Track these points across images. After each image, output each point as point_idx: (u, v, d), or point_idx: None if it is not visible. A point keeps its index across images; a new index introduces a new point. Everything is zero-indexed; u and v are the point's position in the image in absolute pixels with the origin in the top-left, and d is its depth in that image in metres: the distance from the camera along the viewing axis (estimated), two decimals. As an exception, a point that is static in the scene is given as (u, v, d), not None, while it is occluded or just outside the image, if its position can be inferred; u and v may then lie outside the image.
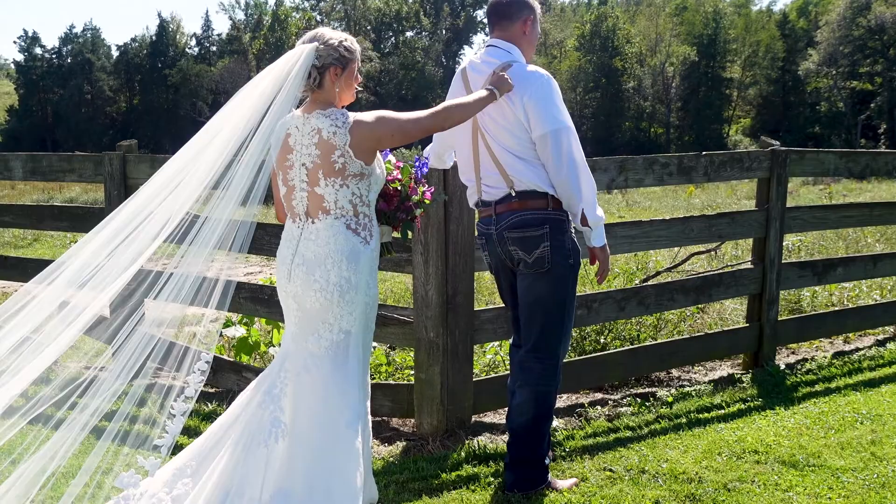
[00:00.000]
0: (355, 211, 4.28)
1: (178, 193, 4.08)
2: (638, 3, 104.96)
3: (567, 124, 4.92)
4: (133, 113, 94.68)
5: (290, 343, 4.38)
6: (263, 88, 4.19)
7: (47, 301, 4.03)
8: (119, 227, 4.08)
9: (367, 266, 4.31)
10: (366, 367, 4.42)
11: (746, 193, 28.70)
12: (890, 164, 8.87)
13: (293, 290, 4.32)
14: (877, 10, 78.21)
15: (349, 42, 4.39)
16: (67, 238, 19.10)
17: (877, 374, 7.70)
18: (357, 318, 4.30)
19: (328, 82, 4.30)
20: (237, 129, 4.14)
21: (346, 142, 4.18)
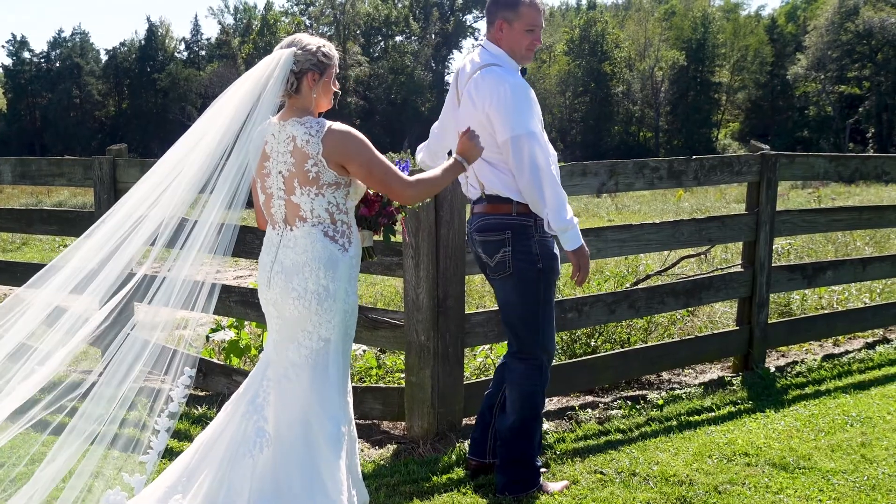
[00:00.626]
0: (332, 219, 4.25)
1: (166, 198, 4.09)
2: (627, 7, 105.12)
3: (529, 130, 4.88)
4: (122, 117, 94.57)
5: (272, 351, 4.35)
6: (243, 95, 4.17)
7: (40, 307, 4.03)
8: (109, 231, 4.08)
9: (345, 274, 4.28)
10: (346, 373, 4.39)
11: (736, 197, 28.73)
12: (879, 167, 8.91)
13: (272, 297, 4.29)
14: (865, 14, 78.50)
15: (327, 48, 4.33)
16: (56, 241, 19.09)
17: (866, 377, 7.73)
18: (336, 326, 4.26)
19: (306, 88, 4.24)
20: (218, 135, 4.12)
21: (318, 151, 4.14)
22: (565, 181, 6.36)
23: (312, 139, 4.13)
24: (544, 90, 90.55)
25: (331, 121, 4.23)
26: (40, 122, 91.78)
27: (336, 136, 4.16)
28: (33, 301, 4.07)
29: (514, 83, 4.95)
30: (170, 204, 4.09)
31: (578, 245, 4.97)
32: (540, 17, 5.09)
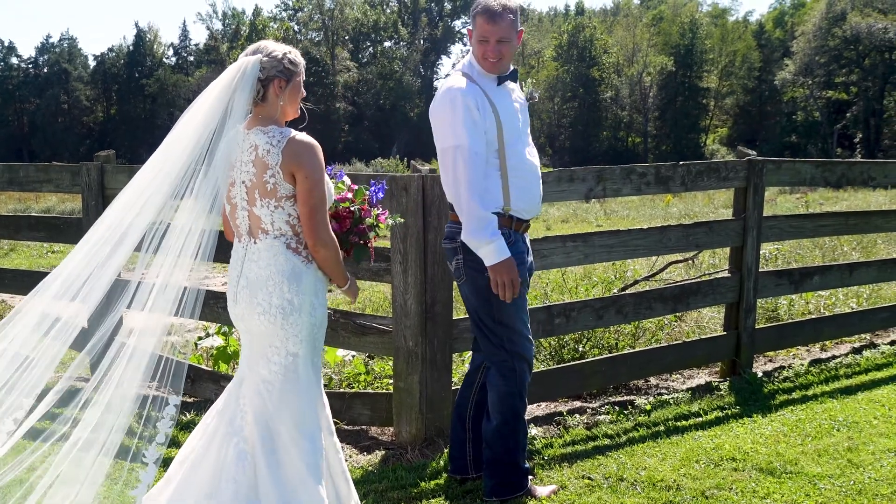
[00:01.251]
0: (294, 231, 4.19)
1: (148, 207, 4.07)
2: (615, 13, 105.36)
3: (454, 143, 4.90)
4: (110, 123, 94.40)
5: (245, 367, 4.32)
6: (210, 106, 4.12)
7: (33, 315, 4.04)
8: (97, 239, 4.08)
9: (310, 286, 4.23)
10: (318, 386, 4.35)
11: (724, 202, 28.79)
12: (865, 173, 8.94)
13: (239, 312, 4.26)
14: (852, 20, 78.74)
15: (293, 55, 4.28)
16: (44, 248, 19.04)
17: (853, 382, 7.75)
18: (304, 340, 4.22)
19: (272, 95, 4.20)
20: (188, 147, 4.08)
21: (277, 161, 4.08)
22: (553, 187, 6.42)
23: (273, 149, 4.08)
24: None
25: (297, 131, 4.19)
26: (28, 128, 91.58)
27: (295, 146, 4.10)
28: (26, 310, 4.07)
29: (452, 94, 4.95)
30: (150, 212, 4.07)
31: (495, 262, 4.95)
32: (491, 28, 4.99)
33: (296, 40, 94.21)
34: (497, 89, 5.13)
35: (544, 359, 7.90)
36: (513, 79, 5.25)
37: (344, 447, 6.21)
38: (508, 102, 5.15)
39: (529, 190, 5.14)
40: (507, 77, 5.18)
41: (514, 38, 5.06)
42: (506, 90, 5.18)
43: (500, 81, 5.15)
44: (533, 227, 5.53)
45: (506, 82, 5.19)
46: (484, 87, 5.07)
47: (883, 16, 78.62)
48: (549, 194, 6.49)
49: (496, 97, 5.10)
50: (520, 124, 5.18)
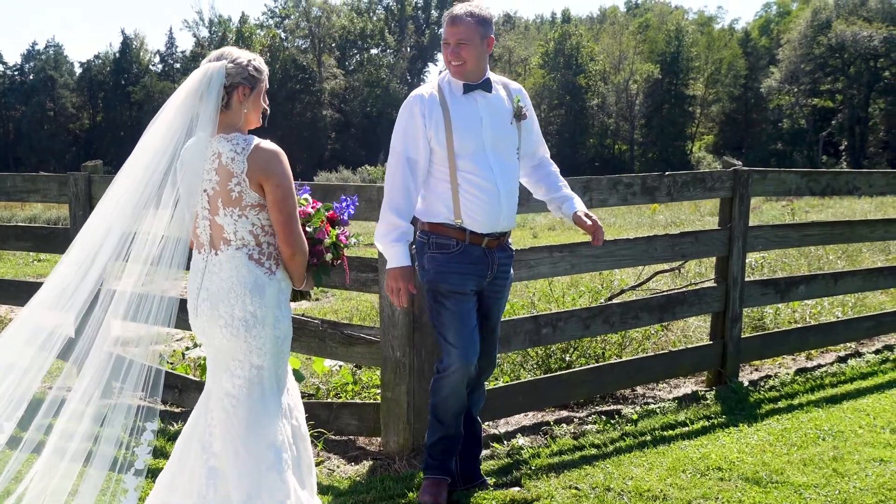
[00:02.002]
0: (257, 241, 4.13)
1: (121, 218, 4.08)
2: (601, 21, 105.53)
3: (392, 147, 5.17)
4: (96, 130, 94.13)
5: (210, 381, 4.27)
6: (174, 114, 4.07)
7: (25, 326, 4.06)
8: (79, 250, 4.08)
9: (273, 298, 4.16)
10: (280, 396, 4.29)
11: (710, 210, 28.85)
12: (850, 183, 9.00)
13: (200, 325, 4.19)
14: (837, 28, 79.07)
15: (258, 62, 4.22)
16: (30, 256, 19.01)
17: (839, 391, 7.79)
18: (267, 353, 4.16)
19: (236, 103, 4.13)
20: (156, 156, 4.06)
21: (243, 169, 4.02)
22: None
23: (238, 157, 4.03)
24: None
25: (261, 138, 4.15)
26: (13, 135, 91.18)
27: (261, 154, 4.06)
28: (20, 322, 4.09)
29: (408, 100, 5.21)
30: (124, 222, 4.08)
31: (390, 268, 5.11)
32: (451, 30, 5.09)
33: (282, 48, 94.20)
34: (461, 98, 5.15)
35: (531, 368, 7.93)
36: (485, 88, 5.19)
37: (331, 457, 6.23)
38: (471, 112, 5.15)
39: (481, 205, 5.11)
40: (477, 86, 5.17)
41: (476, 41, 5.08)
42: (473, 99, 5.17)
43: (468, 90, 5.15)
44: (520, 235, 5.59)
45: (476, 91, 5.17)
46: (448, 95, 5.14)
47: (868, 24, 78.96)
48: (538, 204, 6.50)
49: (455, 106, 5.13)
50: (486, 136, 5.15)
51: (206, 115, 4.05)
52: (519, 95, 5.35)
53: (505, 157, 5.22)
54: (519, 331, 6.65)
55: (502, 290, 5.43)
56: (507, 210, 5.22)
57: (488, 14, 5.16)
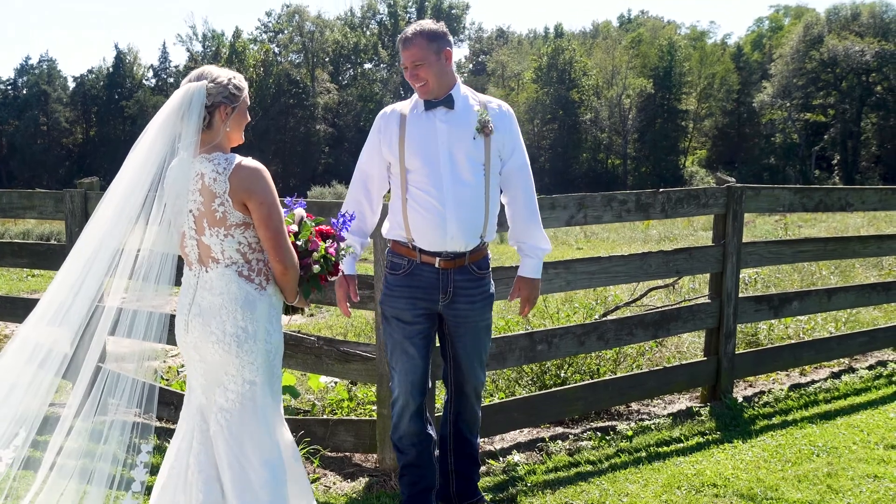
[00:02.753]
0: (246, 258, 4.14)
1: (111, 234, 4.09)
2: (594, 35, 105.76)
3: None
4: (90, 144, 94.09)
5: (202, 395, 4.25)
6: (156, 134, 4.08)
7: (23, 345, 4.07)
8: (71, 266, 4.10)
9: (264, 313, 4.18)
10: (278, 413, 4.32)
11: (703, 225, 28.92)
12: (842, 199, 9.02)
13: (192, 340, 4.19)
14: (829, 43, 79.44)
15: (238, 80, 4.23)
16: (24, 272, 19.00)
17: (832, 407, 7.81)
18: (260, 368, 4.17)
19: (217, 122, 4.13)
20: (140, 176, 4.07)
21: (225, 189, 4.02)
22: (535, 215, 6.47)
23: (220, 177, 4.02)
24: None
25: (243, 156, 4.13)
26: (7, 150, 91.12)
27: (243, 173, 4.04)
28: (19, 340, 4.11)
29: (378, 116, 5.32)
30: (113, 239, 4.08)
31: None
32: (405, 54, 5.10)
33: (276, 62, 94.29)
34: (422, 115, 5.14)
35: (526, 384, 7.94)
36: (447, 104, 5.11)
37: (328, 474, 6.24)
38: (428, 128, 5.10)
39: (426, 223, 5.05)
40: (439, 102, 5.11)
41: (433, 59, 5.04)
42: (434, 116, 5.13)
43: (429, 107, 5.12)
44: (512, 250, 5.56)
45: (439, 108, 5.12)
46: (411, 111, 5.18)
47: (859, 38, 79.35)
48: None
49: (414, 122, 5.13)
50: (442, 152, 5.07)
51: (188, 135, 4.05)
52: (485, 111, 5.16)
53: (462, 174, 5.07)
54: (514, 347, 6.67)
55: (467, 317, 5.23)
56: (457, 229, 5.05)
57: (439, 28, 5.13)
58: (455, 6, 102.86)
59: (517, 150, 5.29)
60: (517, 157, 5.29)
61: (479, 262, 5.22)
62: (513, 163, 5.27)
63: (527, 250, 5.38)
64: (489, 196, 5.15)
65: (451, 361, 5.37)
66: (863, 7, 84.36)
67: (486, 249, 5.31)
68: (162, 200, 4.10)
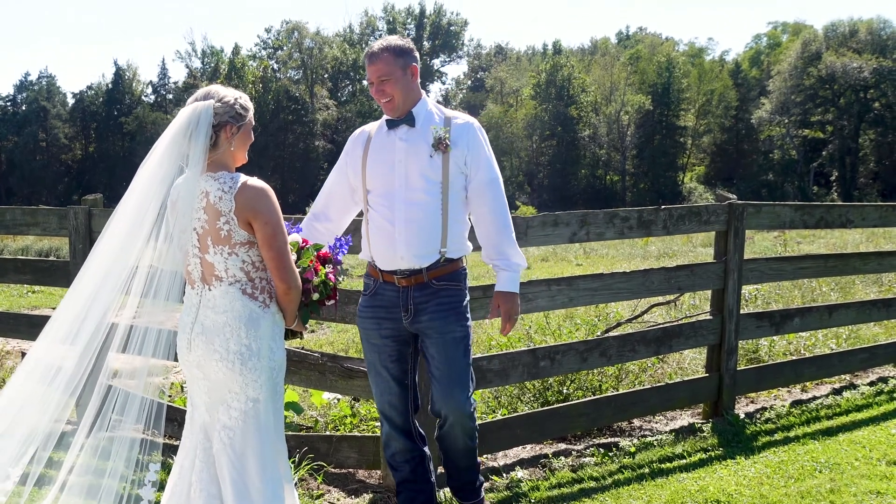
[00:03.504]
0: (249, 276, 4.16)
1: (123, 252, 4.14)
2: (592, 52, 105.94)
3: None
4: (89, 160, 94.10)
5: (206, 413, 4.27)
6: (163, 154, 4.10)
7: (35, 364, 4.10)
8: (83, 285, 4.13)
9: (267, 331, 4.20)
10: (279, 432, 4.33)
11: (702, 241, 28.94)
12: (843, 216, 9.05)
13: (195, 359, 4.19)
14: (827, 59, 79.65)
15: (244, 100, 4.26)
16: (24, 288, 19.02)
17: (834, 423, 7.82)
18: (263, 385, 4.19)
19: (223, 141, 4.17)
20: (146, 199, 4.12)
21: (230, 208, 4.06)
22: (537, 231, 6.52)
23: (225, 196, 4.06)
24: (511, 134, 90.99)
25: (248, 175, 4.17)
26: (6, 166, 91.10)
27: (248, 192, 4.08)
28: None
29: None
30: (127, 257, 4.13)
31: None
32: (371, 69, 5.05)
33: (275, 79, 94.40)
34: (384, 134, 5.14)
35: (529, 401, 7.95)
36: (408, 122, 5.07)
37: (331, 490, 6.24)
38: (388, 148, 5.10)
39: (378, 241, 5.08)
40: (401, 121, 5.08)
41: (398, 74, 5.01)
42: (394, 134, 5.11)
43: (391, 125, 5.11)
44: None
45: (400, 126, 5.09)
46: (378, 131, 5.19)
47: (857, 55, 79.57)
48: (535, 238, 6.62)
49: (377, 142, 5.15)
50: (398, 172, 5.05)
51: (196, 154, 4.08)
52: (438, 126, 5.06)
53: (415, 193, 5.02)
54: (517, 363, 6.69)
55: (430, 329, 5.12)
56: (406, 249, 5.02)
57: (406, 44, 5.11)
58: (454, 23, 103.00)
59: (483, 166, 5.14)
60: (483, 173, 5.13)
61: (441, 277, 5.12)
62: (478, 179, 5.13)
63: (501, 265, 5.25)
64: (448, 213, 5.06)
65: (428, 380, 5.33)
66: (860, 24, 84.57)
67: (458, 263, 5.19)
68: (169, 218, 4.15)
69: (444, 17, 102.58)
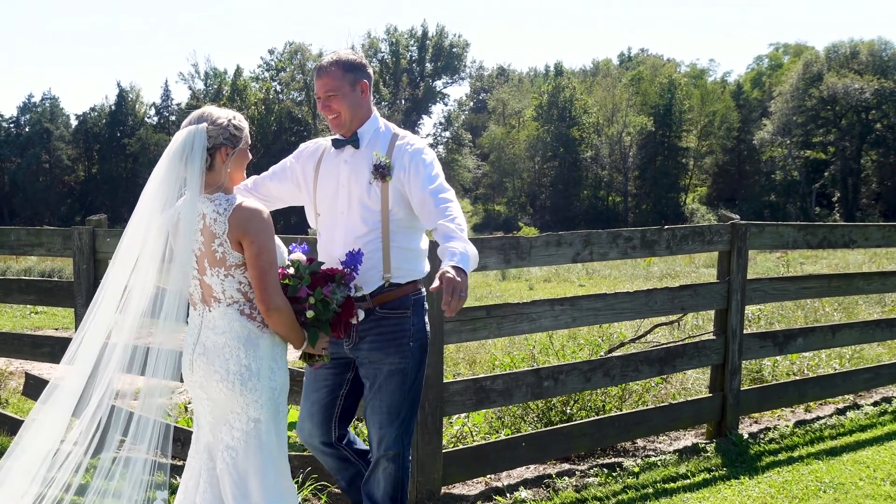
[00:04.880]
0: (247, 297, 4.17)
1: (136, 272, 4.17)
2: (594, 73, 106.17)
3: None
4: (92, 182, 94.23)
5: (209, 434, 4.28)
6: (162, 178, 4.12)
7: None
8: (91, 307, 4.17)
9: (267, 351, 4.19)
10: (283, 451, 4.31)
11: (705, 262, 28.93)
12: (846, 236, 9.06)
13: (197, 379, 4.21)
14: (829, 80, 79.76)
15: (238, 120, 4.25)
16: (28, 309, 19.03)
17: (838, 443, 7.81)
18: (265, 405, 4.17)
19: (218, 163, 4.17)
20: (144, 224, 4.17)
21: (224, 230, 4.07)
22: (541, 251, 6.53)
23: (220, 217, 4.07)
24: (513, 155, 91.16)
25: (244, 197, 4.18)
26: (9, 187, 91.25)
27: (242, 214, 4.09)
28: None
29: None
30: (143, 277, 4.18)
31: None
32: (318, 83, 4.83)
33: (277, 100, 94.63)
34: (332, 153, 4.93)
35: (532, 421, 7.94)
36: (353, 143, 4.83)
37: (335, 511, 6.23)
38: (333, 171, 4.89)
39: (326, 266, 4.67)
40: (347, 141, 4.85)
41: (347, 90, 4.77)
42: (341, 155, 4.89)
43: (337, 145, 4.88)
44: (516, 287, 5.55)
45: (346, 147, 4.86)
46: (328, 149, 4.96)
47: (859, 76, 79.68)
48: (538, 258, 6.63)
49: (327, 163, 4.93)
50: (341, 196, 4.83)
51: (192, 177, 4.10)
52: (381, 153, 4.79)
53: (355, 219, 4.79)
54: (520, 383, 6.68)
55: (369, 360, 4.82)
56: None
57: (356, 59, 4.86)
58: (456, 44, 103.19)
59: (423, 184, 4.69)
60: (418, 191, 4.69)
61: (386, 304, 4.78)
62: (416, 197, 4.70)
63: (450, 250, 4.35)
64: (389, 241, 4.77)
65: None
66: (861, 45, 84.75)
67: (408, 288, 4.84)
68: (171, 239, 4.19)
69: (446, 38, 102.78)
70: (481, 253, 6.09)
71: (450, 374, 9.80)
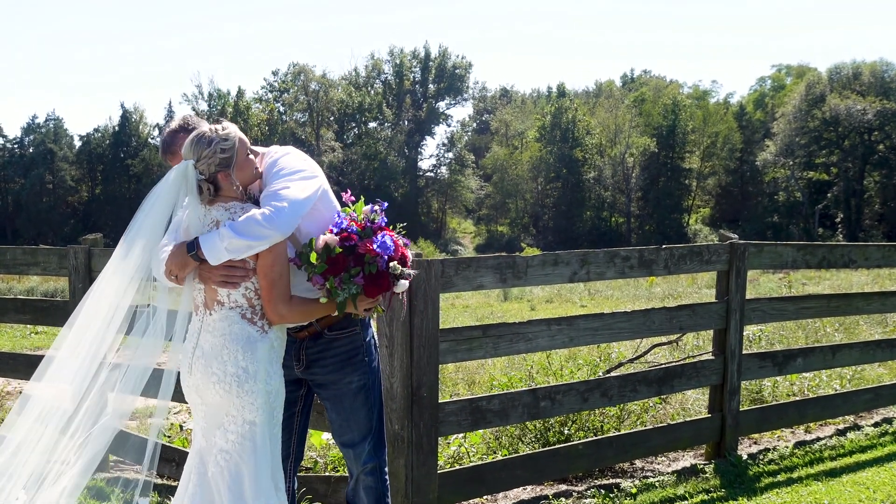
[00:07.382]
0: (251, 303, 4.19)
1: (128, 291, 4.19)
2: (597, 95, 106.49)
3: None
4: (95, 202, 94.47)
5: (202, 439, 4.29)
6: (164, 204, 4.17)
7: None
8: (78, 324, 4.15)
9: (264, 355, 4.20)
10: (276, 457, 4.31)
11: (707, 282, 28.94)
12: (846, 256, 9.03)
13: (194, 383, 4.22)
14: (831, 102, 79.98)
15: (222, 143, 4.15)
16: (27, 328, 19.00)
17: (838, 464, 7.76)
18: (260, 408, 4.18)
19: (223, 184, 4.17)
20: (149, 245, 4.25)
21: None
22: (538, 270, 6.49)
23: None
24: (516, 176, 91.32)
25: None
26: (13, 208, 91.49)
27: None
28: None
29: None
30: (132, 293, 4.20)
31: None
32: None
33: (280, 121, 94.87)
34: None
35: (529, 441, 7.90)
36: None
37: (329, 532, 6.20)
38: None
39: None
40: None
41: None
42: None
43: None
44: (517, 307, 5.53)
45: None
46: None
47: (861, 98, 79.91)
48: (535, 277, 6.59)
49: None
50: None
51: (194, 196, 4.16)
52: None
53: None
54: (517, 404, 6.64)
55: (329, 383, 4.76)
56: None
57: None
58: (458, 66, 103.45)
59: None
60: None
61: (334, 326, 4.70)
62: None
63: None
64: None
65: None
66: (864, 66, 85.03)
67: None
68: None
69: (449, 59, 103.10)
70: (477, 272, 6.13)
71: (448, 394, 9.77)
